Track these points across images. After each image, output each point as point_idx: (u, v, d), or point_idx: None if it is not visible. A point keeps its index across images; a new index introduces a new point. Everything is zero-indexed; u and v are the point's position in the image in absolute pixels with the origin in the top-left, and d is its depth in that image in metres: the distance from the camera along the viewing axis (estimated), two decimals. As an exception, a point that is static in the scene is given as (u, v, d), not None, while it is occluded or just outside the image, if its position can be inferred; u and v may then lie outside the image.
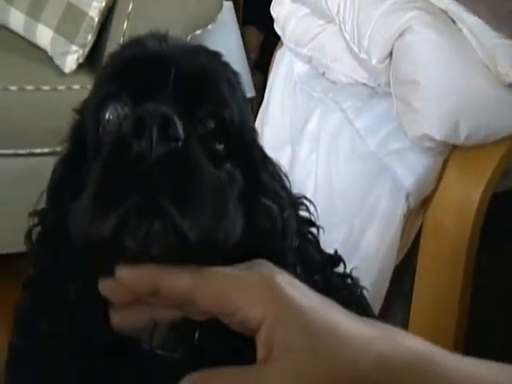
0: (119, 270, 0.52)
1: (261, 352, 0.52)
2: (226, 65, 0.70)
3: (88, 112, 0.67)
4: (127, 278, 0.52)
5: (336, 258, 0.78)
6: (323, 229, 0.79)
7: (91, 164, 0.61)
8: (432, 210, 1.43)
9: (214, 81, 0.64)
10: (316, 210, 0.77)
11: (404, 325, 1.46)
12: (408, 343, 0.55)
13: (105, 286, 0.53)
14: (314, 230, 0.76)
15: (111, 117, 0.62)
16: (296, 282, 0.56)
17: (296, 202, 0.75)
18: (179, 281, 0.52)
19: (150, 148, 0.51)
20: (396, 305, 1.53)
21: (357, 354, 0.52)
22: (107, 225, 0.52)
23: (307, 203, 0.76)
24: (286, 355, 0.51)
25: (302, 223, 0.74)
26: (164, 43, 0.66)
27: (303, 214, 0.76)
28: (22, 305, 0.69)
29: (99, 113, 0.63)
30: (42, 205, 0.71)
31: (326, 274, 0.75)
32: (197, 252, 0.54)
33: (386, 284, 1.48)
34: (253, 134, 0.70)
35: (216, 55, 0.69)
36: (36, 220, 0.71)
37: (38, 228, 0.71)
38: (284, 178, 0.74)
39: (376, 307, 1.45)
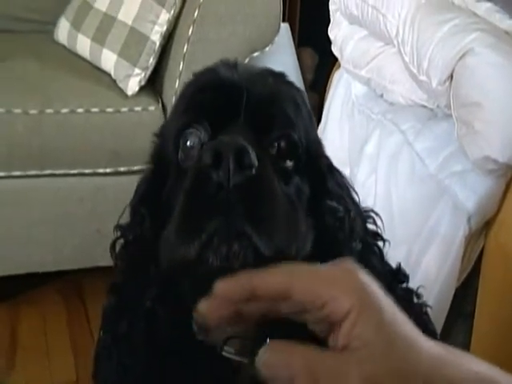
0: (217, 285, 0.55)
1: (341, 341, 0.55)
2: (290, 84, 0.74)
3: (168, 137, 0.71)
4: (226, 289, 0.55)
5: (401, 273, 0.80)
6: (389, 242, 0.80)
7: (173, 187, 0.67)
8: (495, 232, 1.41)
9: (280, 104, 0.70)
10: (383, 223, 0.79)
11: (465, 347, 1.45)
12: (475, 368, 0.56)
13: (204, 306, 0.56)
14: (380, 243, 0.79)
15: (192, 143, 0.68)
16: (383, 292, 0.58)
17: (363, 213, 0.78)
18: (274, 279, 0.56)
19: (228, 177, 0.57)
20: (457, 326, 1.52)
21: (431, 371, 0.54)
22: (192, 248, 0.58)
23: (374, 216, 0.79)
24: (363, 349, 0.54)
25: (367, 234, 0.77)
26: (235, 70, 0.71)
27: (370, 226, 0.78)
28: (108, 306, 0.77)
29: (179, 139, 0.69)
30: (125, 219, 0.78)
31: (387, 284, 0.76)
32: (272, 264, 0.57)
33: (447, 306, 1.47)
34: (318, 145, 0.76)
35: (281, 76, 0.74)
36: (119, 233, 0.78)
37: (121, 240, 0.78)
38: (351, 189, 0.77)
39: (437, 329, 1.44)
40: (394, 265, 0.83)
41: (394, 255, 1.47)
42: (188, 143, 0.68)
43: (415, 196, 1.54)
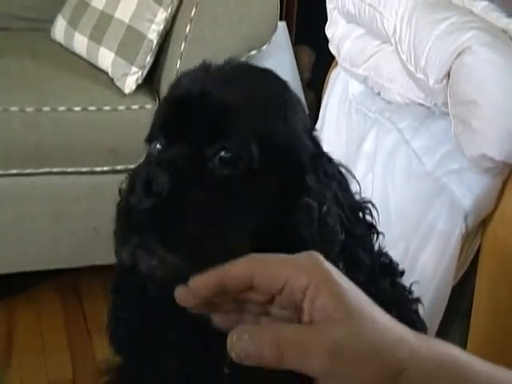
0: (190, 281, 0.61)
1: (305, 318, 0.58)
2: (271, 84, 0.78)
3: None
4: (196, 284, 0.61)
5: (392, 268, 0.80)
6: (383, 234, 0.80)
7: None
8: (492, 229, 1.42)
9: (228, 114, 0.73)
10: (378, 216, 0.80)
11: (462, 344, 1.45)
12: (437, 346, 0.59)
13: (178, 294, 0.62)
14: (373, 235, 0.79)
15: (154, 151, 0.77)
16: (340, 273, 0.61)
17: (358, 204, 0.78)
18: (237, 269, 0.60)
19: (139, 202, 0.67)
20: (454, 324, 1.53)
21: (394, 344, 0.57)
22: (125, 255, 0.70)
23: (371, 208, 0.79)
24: (324, 321, 0.57)
25: (359, 225, 0.77)
26: (204, 78, 0.76)
27: (367, 218, 0.79)
28: (113, 283, 0.87)
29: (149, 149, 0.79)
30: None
31: (374, 277, 0.77)
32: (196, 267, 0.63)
33: (444, 303, 1.47)
34: (298, 139, 0.76)
35: (261, 77, 0.78)
36: None
37: None
38: (343, 179, 0.77)
39: (434, 326, 1.45)
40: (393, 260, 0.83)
41: (391, 254, 1.48)
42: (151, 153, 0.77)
43: (412, 194, 1.54)
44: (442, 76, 1.41)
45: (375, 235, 0.81)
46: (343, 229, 0.76)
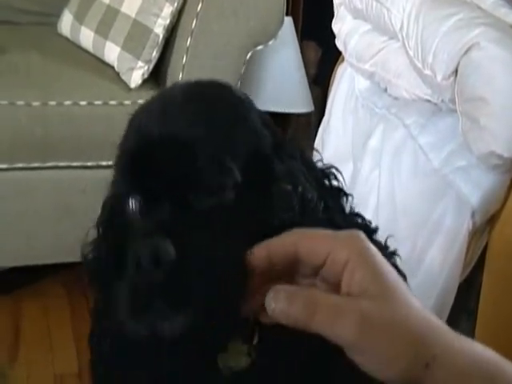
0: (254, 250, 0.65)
1: (343, 289, 0.61)
2: (223, 110, 0.75)
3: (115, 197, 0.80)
4: (256, 253, 0.65)
5: (367, 226, 0.82)
6: (352, 196, 0.81)
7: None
8: (500, 226, 1.41)
9: (200, 157, 0.70)
10: (343, 179, 0.82)
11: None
12: (470, 343, 0.60)
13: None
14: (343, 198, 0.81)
15: (129, 210, 0.74)
16: (379, 252, 0.63)
17: (324, 173, 0.79)
18: (282, 242, 0.64)
19: (150, 276, 0.64)
20: (461, 322, 1.52)
21: (421, 328, 0.58)
22: (142, 327, 0.67)
23: (335, 172, 0.80)
24: (361, 294, 0.59)
25: (327, 192, 0.78)
26: (163, 119, 0.73)
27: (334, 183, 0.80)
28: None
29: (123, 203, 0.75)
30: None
31: None
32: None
33: (451, 300, 1.47)
34: (262, 137, 0.75)
35: (212, 109, 0.74)
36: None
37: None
38: (302, 152, 0.79)
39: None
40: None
41: (397, 250, 1.48)
42: (127, 208, 0.74)
43: (419, 190, 1.54)
44: (449, 72, 1.41)
45: (344, 197, 0.81)
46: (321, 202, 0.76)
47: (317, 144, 2.00)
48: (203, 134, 0.71)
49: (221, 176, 0.70)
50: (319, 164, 0.82)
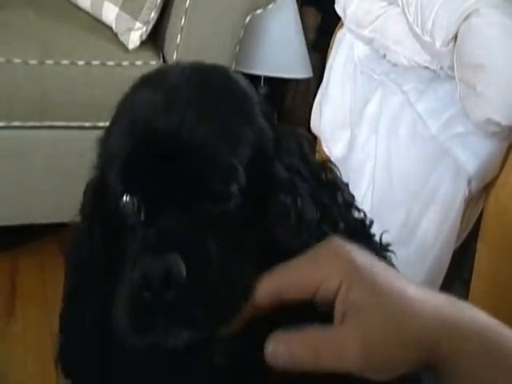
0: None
1: (337, 316, 0.59)
2: (229, 104, 0.69)
3: (109, 167, 0.71)
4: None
5: (364, 223, 0.79)
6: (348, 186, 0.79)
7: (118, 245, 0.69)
8: (495, 195, 1.42)
9: (210, 160, 0.65)
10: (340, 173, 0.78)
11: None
12: (474, 313, 0.60)
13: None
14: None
15: (127, 205, 0.68)
16: (359, 249, 0.62)
17: (321, 167, 0.76)
18: (263, 294, 0.62)
19: (160, 294, 0.61)
20: (454, 291, 1.53)
21: (426, 318, 0.57)
22: (141, 340, 0.64)
23: (333, 167, 0.77)
24: (357, 314, 0.58)
25: (323, 186, 0.74)
26: (167, 108, 0.66)
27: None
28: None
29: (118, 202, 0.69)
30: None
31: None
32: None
33: (445, 266, 1.48)
34: (264, 132, 0.70)
35: (219, 102, 0.68)
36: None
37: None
38: (301, 145, 0.75)
39: (434, 290, 1.45)
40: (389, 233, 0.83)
41: (393, 218, 1.48)
42: (123, 202, 0.68)
43: (416, 157, 1.54)
44: (448, 39, 1.40)
45: (340, 192, 0.76)
46: (318, 209, 0.72)
47: (314, 110, 1.99)
48: (213, 135, 0.65)
49: (231, 180, 0.65)
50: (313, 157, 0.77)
